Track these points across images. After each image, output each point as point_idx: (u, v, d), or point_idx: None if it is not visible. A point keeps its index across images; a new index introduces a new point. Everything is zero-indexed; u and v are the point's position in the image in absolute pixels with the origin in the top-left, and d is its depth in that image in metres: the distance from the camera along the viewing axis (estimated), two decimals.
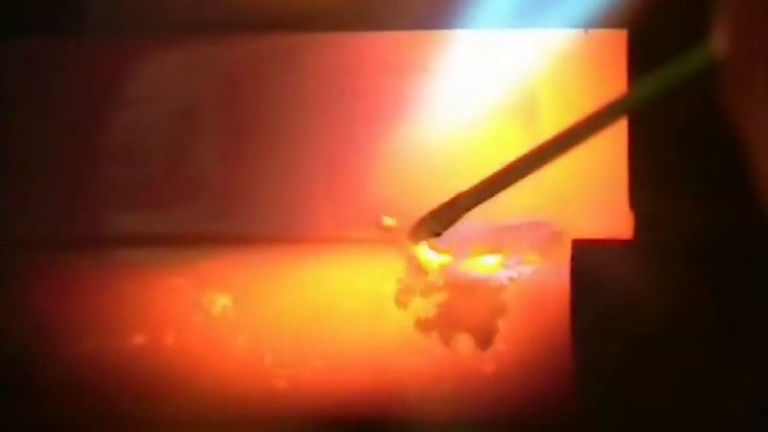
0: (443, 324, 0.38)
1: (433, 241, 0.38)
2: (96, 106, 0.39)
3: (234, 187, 0.39)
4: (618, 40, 0.38)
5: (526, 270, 0.38)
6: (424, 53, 0.39)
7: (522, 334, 0.38)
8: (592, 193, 0.39)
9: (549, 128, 0.35)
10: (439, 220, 0.37)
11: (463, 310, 0.38)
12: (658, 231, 0.38)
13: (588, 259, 0.38)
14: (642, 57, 0.38)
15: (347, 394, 0.38)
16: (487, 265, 0.38)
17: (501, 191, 0.34)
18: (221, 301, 0.38)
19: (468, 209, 0.35)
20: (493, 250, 0.38)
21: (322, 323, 0.38)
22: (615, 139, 0.38)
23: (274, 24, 0.39)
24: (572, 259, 0.38)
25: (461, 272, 0.38)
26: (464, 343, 0.38)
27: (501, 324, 0.38)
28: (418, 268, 0.38)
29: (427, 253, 0.38)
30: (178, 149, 0.39)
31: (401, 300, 0.38)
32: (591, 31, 0.38)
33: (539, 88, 0.39)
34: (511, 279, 0.38)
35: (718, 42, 0.19)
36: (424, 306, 0.38)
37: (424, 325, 0.38)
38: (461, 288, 0.38)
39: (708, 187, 0.39)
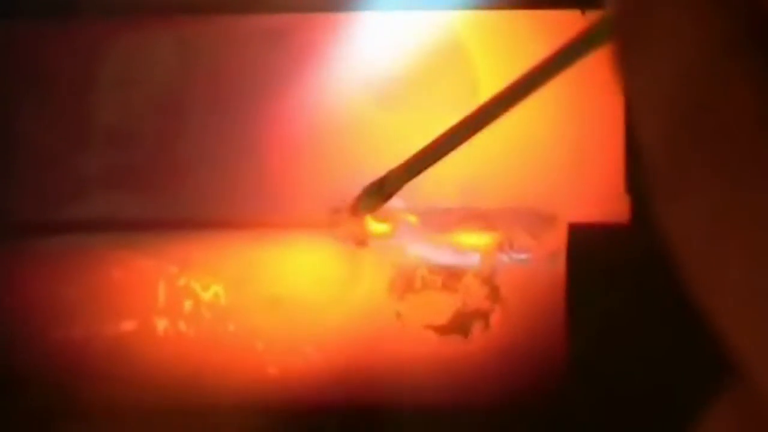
0: (438, 310, 0.37)
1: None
2: (79, 87, 0.38)
3: (225, 171, 0.38)
4: None
5: (521, 254, 0.38)
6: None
7: (516, 320, 0.37)
8: (588, 177, 0.38)
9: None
10: (377, 194, 0.36)
11: (457, 296, 0.37)
12: (654, 215, 0.38)
13: (584, 243, 0.38)
14: None
15: (339, 380, 0.37)
16: (480, 245, 0.37)
17: (438, 160, 0.33)
18: (213, 288, 0.38)
19: (404, 182, 0.34)
20: (487, 230, 0.38)
21: (314, 310, 0.37)
22: (611, 122, 0.38)
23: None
24: (568, 243, 0.38)
25: (455, 257, 0.37)
26: (458, 328, 0.37)
27: (495, 309, 0.37)
28: (412, 254, 0.38)
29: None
30: (165, 132, 0.38)
31: (395, 286, 0.37)
32: (588, 12, 0.37)
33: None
34: (505, 263, 0.37)
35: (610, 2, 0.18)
36: (417, 292, 0.37)
37: (418, 312, 0.37)
38: (455, 273, 0.37)
39: None
